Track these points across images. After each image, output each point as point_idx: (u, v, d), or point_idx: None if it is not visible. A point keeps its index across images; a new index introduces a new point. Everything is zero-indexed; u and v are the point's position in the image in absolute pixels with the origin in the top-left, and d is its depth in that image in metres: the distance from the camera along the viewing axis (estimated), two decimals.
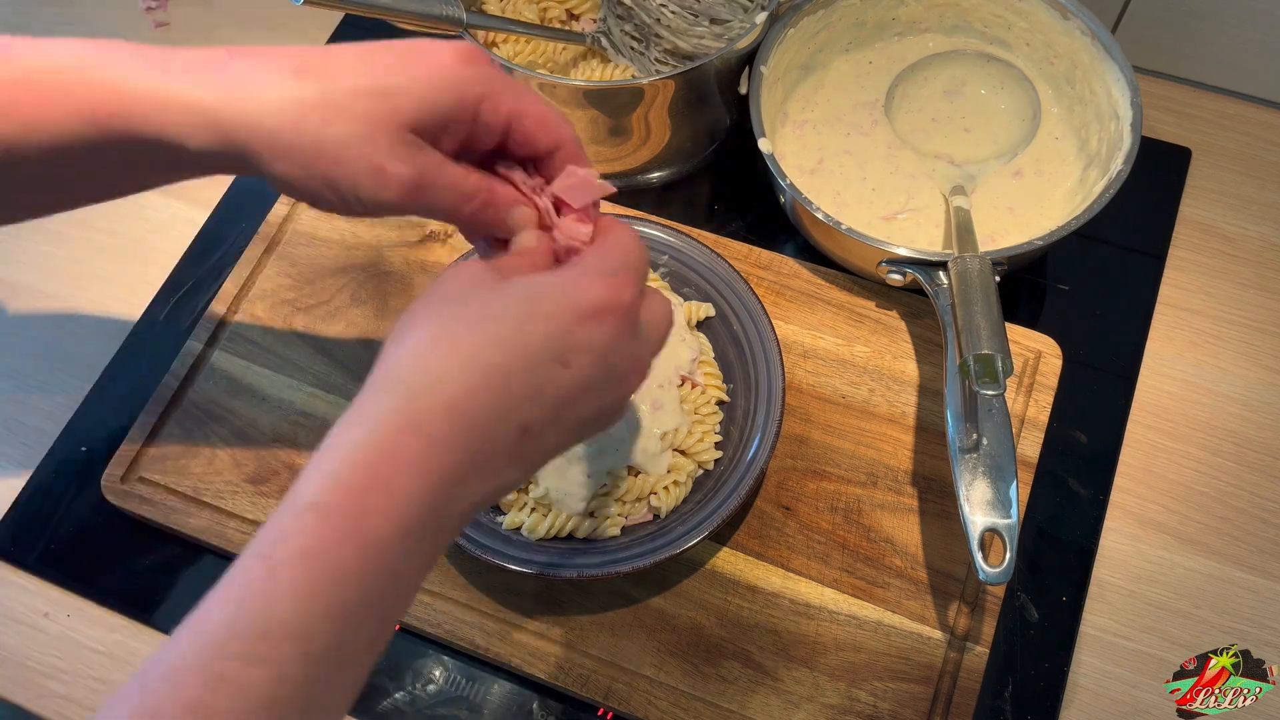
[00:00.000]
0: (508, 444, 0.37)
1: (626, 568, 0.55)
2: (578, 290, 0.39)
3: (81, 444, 0.68)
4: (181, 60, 0.41)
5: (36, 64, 0.41)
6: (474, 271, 0.40)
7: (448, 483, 0.36)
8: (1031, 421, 0.64)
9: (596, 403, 0.40)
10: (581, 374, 0.38)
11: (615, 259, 0.41)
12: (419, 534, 0.36)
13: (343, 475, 0.35)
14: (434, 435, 0.36)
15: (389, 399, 0.36)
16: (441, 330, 0.38)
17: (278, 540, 0.34)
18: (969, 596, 0.59)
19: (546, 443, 0.39)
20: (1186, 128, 0.77)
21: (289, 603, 0.33)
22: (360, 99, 0.40)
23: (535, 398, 0.38)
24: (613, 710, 0.58)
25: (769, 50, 0.68)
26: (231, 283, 0.70)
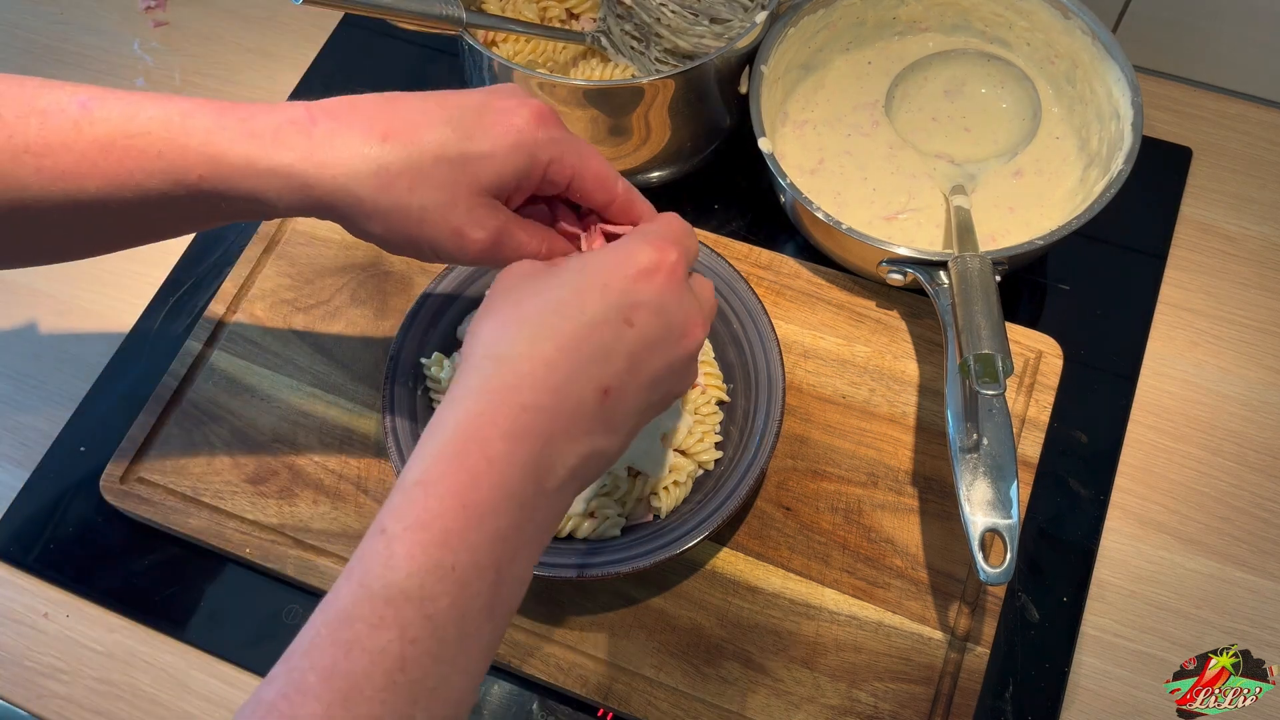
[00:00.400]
0: (590, 403, 0.40)
1: (626, 568, 0.55)
2: (627, 254, 0.42)
3: (81, 444, 0.68)
4: (266, 124, 0.43)
5: (122, 126, 0.43)
6: (527, 265, 0.44)
7: (539, 445, 0.38)
8: (1032, 421, 0.64)
9: (664, 358, 0.42)
10: (645, 329, 0.41)
11: (660, 230, 0.45)
12: (519, 498, 0.38)
13: (443, 450, 0.38)
14: (519, 401, 0.38)
15: (474, 378, 0.39)
16: (509, 311, 0.41)
17: (392, 517, 0.37)
18: (970, 597, 0.59)
19: (627, 403, 0.41)
20: (1187, 127, 0.77)
21: (406, 568, 0.36)
22: (442, 166, 0.43)
23: (607, 357, 0.40)
24: (613, 710, 0.57)
25: (769, 50, 0.68)
26: (231, 282, 0.70)
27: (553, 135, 0.45)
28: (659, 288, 0.42)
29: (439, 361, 0.62)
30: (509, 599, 0.39)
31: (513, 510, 0.38)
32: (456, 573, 0.36)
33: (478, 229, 0.44)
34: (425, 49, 0.83)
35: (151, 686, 0.60)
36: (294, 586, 0.61)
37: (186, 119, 0.43)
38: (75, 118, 0.42)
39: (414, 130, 0.43)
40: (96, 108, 0.43)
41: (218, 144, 0.42)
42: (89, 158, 0.42)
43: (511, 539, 0.38)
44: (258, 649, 0.61)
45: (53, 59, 0.85)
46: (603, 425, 0.41)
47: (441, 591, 0.36)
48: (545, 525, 0.40)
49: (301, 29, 0.85)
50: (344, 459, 0.64)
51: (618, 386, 0.41)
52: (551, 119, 0.45)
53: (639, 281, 0.42)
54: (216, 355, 0.68)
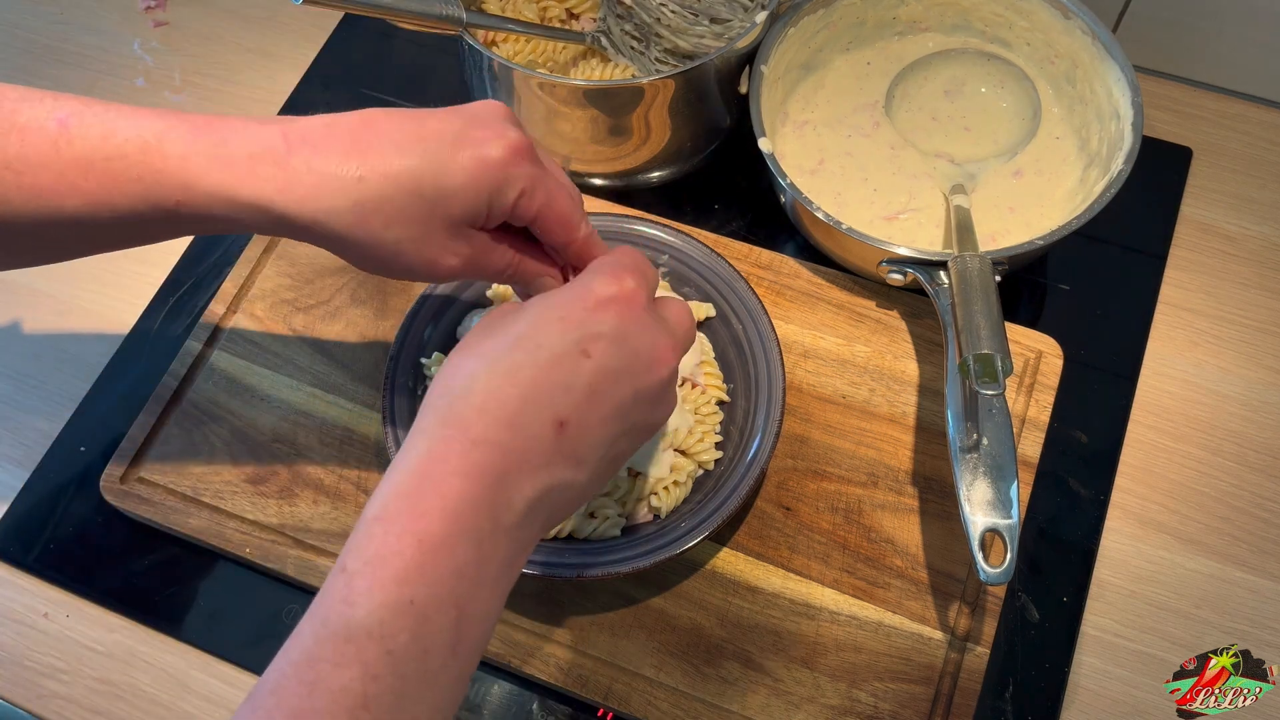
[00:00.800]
0: (545, 437, 0.40)
1: (626, 568, 0.55)
2: (584, 287, 0.43)
3: (81, 444, 0.68)
4: (241, 151, 0.43)
5: (100, 147, 0.43)
6: (502, 307, 0.45)
7: (493, 479, 0.38)
8: (1032, 421, 0.64)
9: (628, 388, 0.42)
10: (604, 360, 0.41)
11: (617, 261, 0.45)
12: (476, 533, 0.38)
13: (399, 487, 0.38)
14: (471, 436, 0.39)
15: (431, 415, 0.40)
16: (470, 347, 0.42)
17: (351, 553, 0.37)
18: (970, 597, 0.59)
19: (591, 435, 0.41)
20: (1187, 127, 0.77)
21: (365, 605, 0.36)
22: (415, 202, 0.44)
23: (564, 388, 0.40)
24: (613, 710, 0.57)
25: (769, 50, 0.68)
26: (231, 282, 0.70)
27: (525, 171, 0.45)
28: (617, 317, 0.42)
29: (439, 361, 0.62)
30: (475, 636, 0.38)
31: (470, 545, 0.38)
32: (415, 608, 0.36)
33: (451, 256, 0.46)
34: (425, 49, 0.83)
35: (151, 686, 0.60)
36: (294, 586, 0.61)
37: (163, 142, 0.43)
38: (54, 136, 0.43)
39: (389, 164, 0.43)
40: (75, 125, 0.43)
41: (192, 171, 0.43)
42: (68, 178, 0.43)
43: (471, 575, 0.38)
44: (258, 649, 0.61)
45: (53, 59, 0.85)
46: (563, 458, 0.40)
47: (401, 628, 0.36)
48: (508, 560, 0.40)
49: (301, 29, 0.85)
50: (344, 459, 0.64)
51: (576, 418, 0.40)
52: (525, 154, 0.45)
53: (596, 312, 0.42)
54: (216, 355, 0.68)
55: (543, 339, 0.41)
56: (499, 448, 0.39)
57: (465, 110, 0.46)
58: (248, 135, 0.44)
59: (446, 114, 0.46)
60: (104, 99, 0.44)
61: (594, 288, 0.43)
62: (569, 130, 0.68)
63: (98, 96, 0.45)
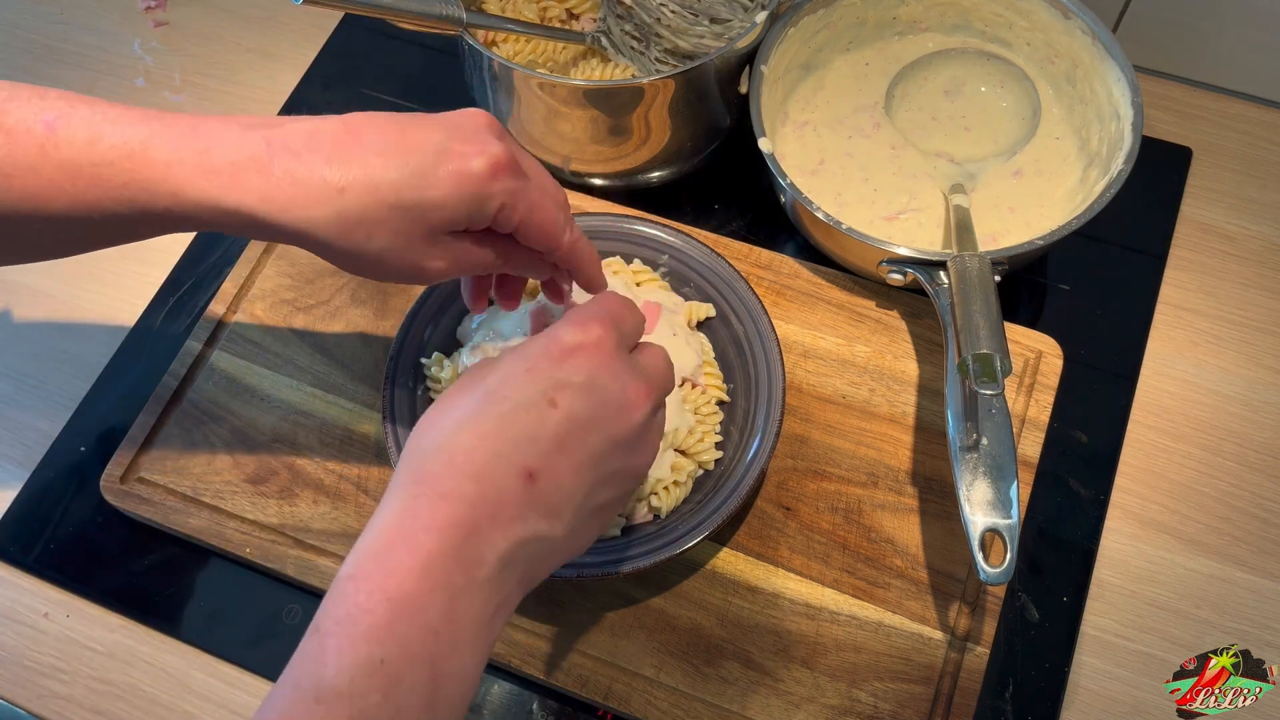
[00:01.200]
0: (514, 488, 0.40)
1: (626, 568, 0.55)
2: (552, 337, 0.43)
3: (81, 444, 0.68)
4: (225, 159, 0.43)
5: (86, 152, 0.43)
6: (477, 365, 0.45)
7: (463, 533, 0.38)
8: (1032, 421, 0.64)
9: (600, 436, 0.42)
10: (572, 409, 0.41)
11: (587, 309, 0.44)
12: (448, 589, 0.37)
13: (371, 546, 0.38)
14: (439, 490, 0.39)
15: (403, 472, 0.40)
16: (444, 403, 0.42)
17: (324, 613, 0.37)
18: (969, 597, 0.59)
19: (563, 485, 0.41)
20: (1187, 127, 0.77)
21: (335, 666, 0.36)
22: (397, 214, 0.44)
23: (531, 439, 0.40)
24: (612, 710, 0.57)
25: (769, 50, 0.68)
26: (231, 282, 0.70)
27: (507, 186, 0.45)
28: (584, 366, 0.42)
29: (439, 361, 0.62)
30: (453, 695, 0.38)
31: (442, 602, 0.37)
32: (386, 667, 0.36)
33: (434, 261, 0.46)
34: (425, 49, 0.83)
35: (151, 686, 0.60)
36: (294, 586, 0.61)
37: (148, 148, 0.43)
38: (41, 140, 0.43)
39: (370, 176, 0.44)
40: (61, 128, 0.43)
41: (177, 179, 0.43)
42: (56, 182, 0.43)
43: (445, 633, 0.37)
44: (258, 649, 0.61)
45: (53, 59, 0.85)
46: (536, 509, 0.40)
47: (371, 687, 0.35)
48: (485, 618, 0.39)
49: (301, 29, 0.85)
50: (344, 459, 0.64)
51: (545, 468, 0.40)
52: (507, 169, 0.46)
53: (562, 362, 0.42)
54: (217, 355, 0.68)
55: (510, 391, 0.41)
56: (467, 501, 0.39)
57: (449, 120, 0.46)
58: (231, 142, 0.44)
59: (430, 123, 0.46)
60: (104, 99, 0.44)
61: (561, 337, 0.43)
62: (569, 130, 0.68)
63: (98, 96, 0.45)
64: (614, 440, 0.42)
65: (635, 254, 0.66)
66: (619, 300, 0.46)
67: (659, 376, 0.46)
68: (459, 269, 0.48)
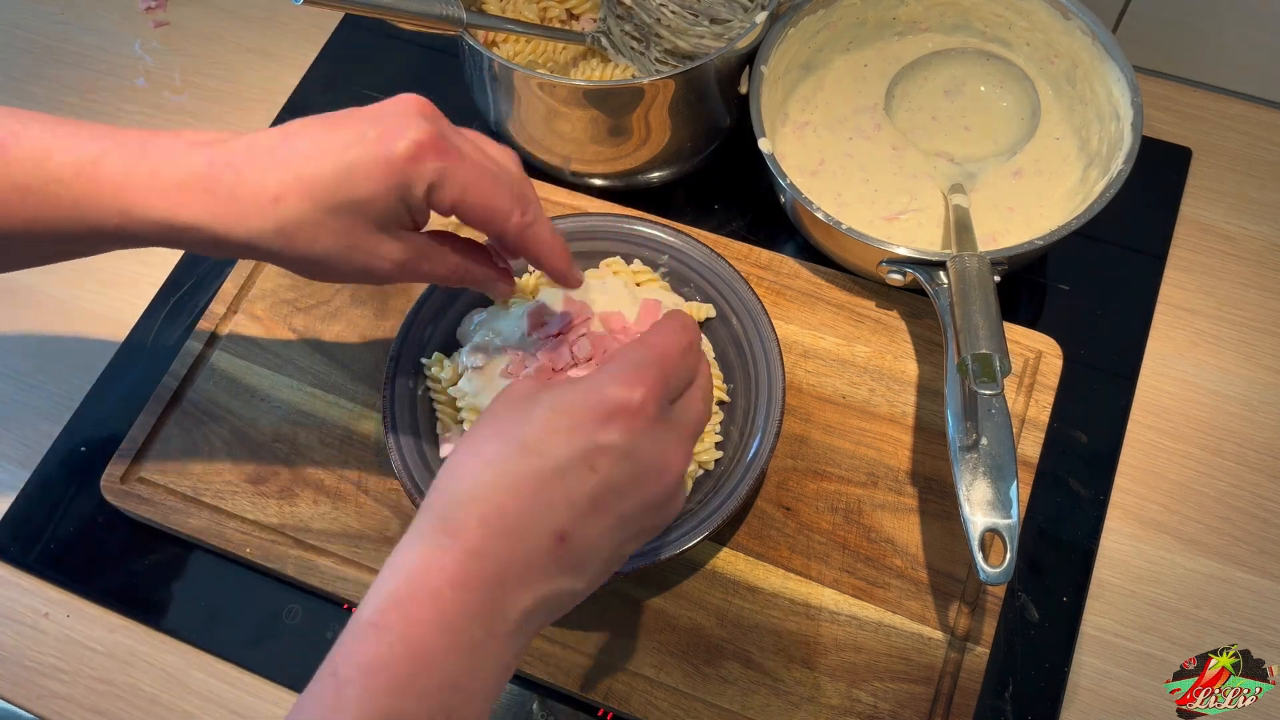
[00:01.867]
0: (544, 549, 0.39)
1: (627, 568, 0.55)
2: (597, 393, 0.41)
3: (81, 444, 0.68)
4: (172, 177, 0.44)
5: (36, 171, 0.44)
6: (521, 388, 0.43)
7: (489, 591, 0.38)
8: (1032, 421, 0.64)
9: (634, 500, 0.41)
10: (610, 475, 0.40)
11: (637, 357, 0.43)
12: (469, 644, 0.37)
13: (395, 593, 0.38)
14: (469, 546, 0.38)
15: (431, 517, 0.39)
16: (478, 446, 0.41)
17: (343, 659, 0.37)
18: (969, 597, 0.59)
19: (592, 546, 0.40)
20: (1187, 127, 0.77)
21: (354, 714, 0.35)
22: (335, 216, 0.45)
23: (567, 503, 0.39)
24: (613, 710, 0.57)
25: (769, 50, 0.68)
26: (231, 283, 0.70)
27: (432, 165, 0.45)
28: (626, 431, 0.40)
29: (439, 361, 0.62)
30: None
31: (463, 657, 0.37)
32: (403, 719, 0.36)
33: (383, 261, 0.47)
34: (425, 49, 0.83)
35: (151, 686, 0.60)
36: (294, 586, 0.61)
37: (98, 167, 0.44)
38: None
39: (301, 181, 0.44)
40: (12, 147, 0.44)
41: (127, 198, 0.44)
42: (10, 202, 0.44)
43: (463, 685, 0.37)
44: (258, 649, 0.61)
45: (53, 59, 0.85)
46: (562, 569, 0.40)
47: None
48: (500, 669, 0.39)
49: (301, 29, 0.85)
50: (344, 459, 0.64)
51: (578, 532, 0.40)
52: (431, 147, 0.45)
53: (605, 424, 0.40)
54: (217, 355, 0.68)
55: (548, 449, 0.40)
56: (497, 559, 0.38)
57: (376, 109, 0.47)
58: (178, 162, 0.44)
59: (357, 116, 0.46)
60: (104, 99, 0.45)
61: (607, 394, 0.41)
62: (569, 130, 0.68)
63: (98, 96, 0.45)
64: (646, 503, 0.42)
65: (635, 254, 0.66)
66: (674, 338, 0.44)
67: (697, 424, 0.44)
68: (414, 270, 0.48)
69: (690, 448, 0.43)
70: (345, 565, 0.61)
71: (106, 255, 0.49)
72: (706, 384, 0.46)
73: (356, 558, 0.61)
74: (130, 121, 0.80)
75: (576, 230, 0.66)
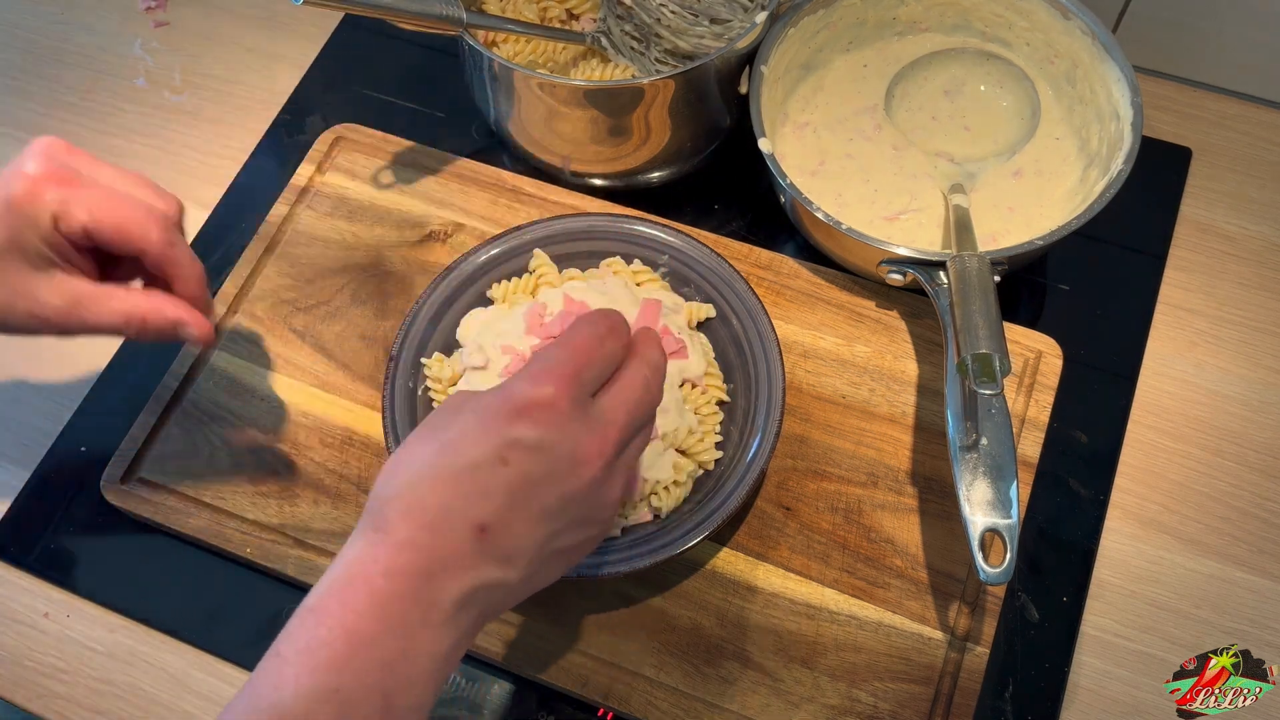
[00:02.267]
0: (467, 541, 0.41)
1: (626, 568, 0.55)
2: (506, 393, 0.43)
3: (81, 444, 0.68)
4: None
5: None
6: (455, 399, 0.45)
7: (418, 579, 0.40)
8: (1032, 421, 0.64)
9: (555, 490, 0.43)
10: (521, 469, 0.42)
11: (547, 358, 0.44)
12: (403, 629, 0.40)
13: (334, 583, 0.41)
14: (397, 539, 0.41)
15: (368, 515, 0.42)
16: (409, 449, 0.43)
17: (285, 641, 0.40)
18: (969, 597, 0.59)
19: (517, 538, 0.42)
20: (1187, 127, 0.77)
21: (292, 691, 0.38)
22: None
23: (482, 495, 0.41)
24: (613, 710, 0.58)
25: (769, 50, 0.68)
26: (231, 283, 0.70)
27: (52, 196, 0.48)
28: (536, 425, 0.42)
29: (439, 361, 0.62)
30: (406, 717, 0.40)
31: (397, 640, 0.40)
32: (340, 695, 0.38)
33: (45, 307, 0.50)
34: (425, 49, 0.83)
35: (151, 686, 0.60)
36: (294, 586, 0.61)
37: None
38: None
39: None
40: None
41: None
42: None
43: (400, 668, 0.39)
44: (258, 649, 0.60)
45: (53, 59, 0.84)
46: (489, 559, 0.42)
47: (324, 714, 0.38)
48: (442, 654, 0.41)
49: (301, 29, 0.85)
50: (344, 459, 0.64)
51: (497, 523, 0.41)
52: (49, 180, 0.49)
53: (516, 421, 0.42)
54: (217, 355, 0.68)
55: (464, 446, 0.42)
56: (422, 550, 0.41)
57: (15, 160, 0.50)
58: None
59: None
60: (104, 99, 0.45)
61: (514, 393, 0.43)
62: (569, 130, 0.68)
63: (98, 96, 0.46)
64: (567, 495, 0.43)
65: (635, 254, 0.66)
66: (586, 337, 0.45)
67: (624, 418, 0.45)
68: (80, 316, 0.50)
69: (618, 437, 0.44)
70: None
71: None
72: (648, 372, 0.47)
73: None
74: (130, 121, 0.80)
75: (576, 230, 0.66)
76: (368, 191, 0.73)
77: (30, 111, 0.81)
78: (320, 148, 0.75)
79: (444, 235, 0.71)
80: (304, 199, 0.73)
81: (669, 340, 0.61)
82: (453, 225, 0.71)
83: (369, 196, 0.73)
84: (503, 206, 0.72)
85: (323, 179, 0.74)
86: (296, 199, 0.73)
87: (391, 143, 0.75)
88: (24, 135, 0.80)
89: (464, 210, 0.72)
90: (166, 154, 0.79)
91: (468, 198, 0.72)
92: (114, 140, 0.79)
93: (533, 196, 0.72)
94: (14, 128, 0.80)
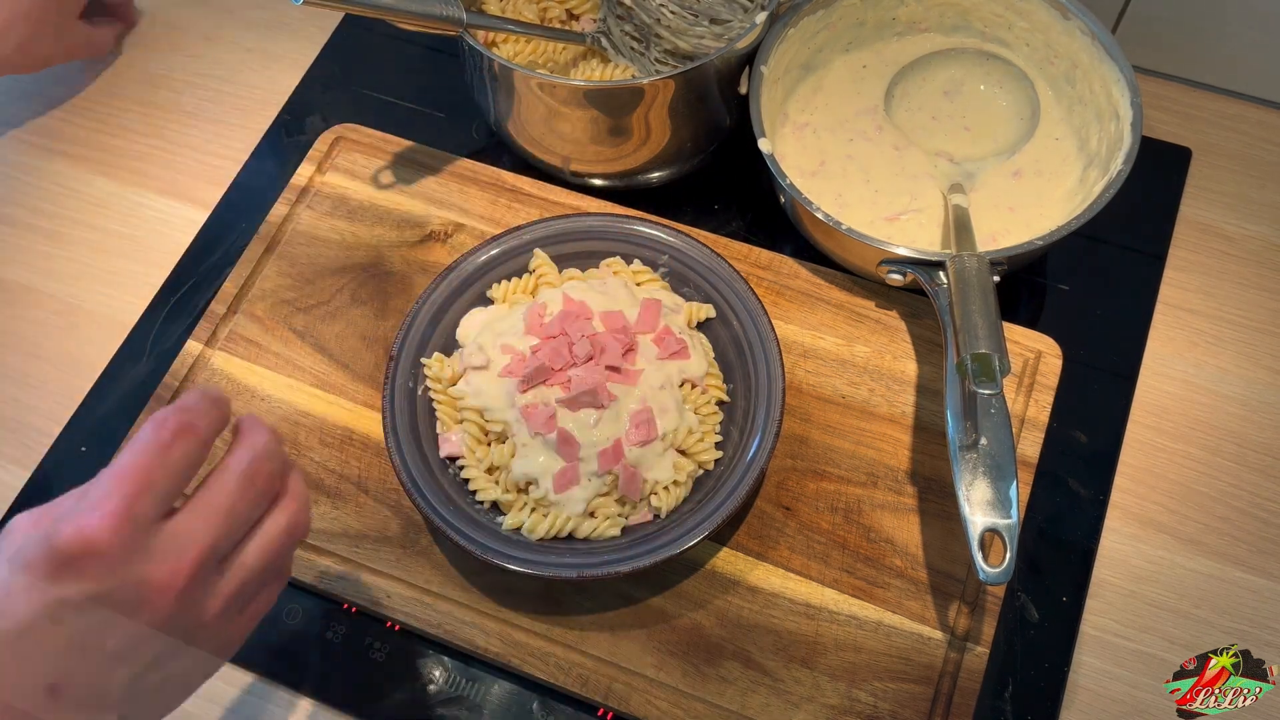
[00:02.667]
0: (40, 704, 0.38)
1: (626, 568, 0.55)
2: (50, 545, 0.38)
3: (81, 444, 0.68)
4: None
5: None
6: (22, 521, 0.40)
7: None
8: (1032, 421, 0.64)
9: (124, 632, 0.39)
10: (76, 625, 0.38)
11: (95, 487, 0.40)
12: None
13: None
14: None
15: None
16: None
17: None
18: (969, 597, 0.59)
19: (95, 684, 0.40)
20: (1186, 128, 0.77)
21: None
22: None
23: (44, 656, 0.38)
24: (613, 710, 0.58)
25: (769, 50, 0.68)
26: (231, 283, 0.70)
27: None
28: (81, 579, 0.38)
29: (439, 361, 0.62)
30: None
31: None
32: None
33: None
34: (425, 49, 0.83)
35: None
36: (294, 586, 0.61)
37: None
38: None
39: None
40: None
41: None
42: None
43: None
44: (258, 649, 0.61)
45: None
46: (72, 714, 0.39)
47: None
48: None
49: (301, 29, 0.85)
50: (344, 459, 0.64)
51: (67, 681, 0.39)
52: None
53: (59, 577, 0.38)
54: (217, 355, 0.68)
55: (13, 608, 0.38)
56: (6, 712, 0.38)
57: None
58: None
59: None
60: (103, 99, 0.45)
61: (59, 540, 0.38)
62: (569, 130, 0.68)
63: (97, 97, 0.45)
64: (141, 635, 0.40)
65: (635, 254, 0.66)
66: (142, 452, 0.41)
67: (206, 534, 0.41)
68: None
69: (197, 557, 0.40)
70: (345, 565, 0.61)
71: (107, 255, 0.49)
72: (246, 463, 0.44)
73: (356, 558, 0.61)
74: (130, 121, 0.80)
75: (576, 230, 0.66)
76: (368, 191, 0.73)
77: (31, 112, 0.81)
78: (320, 148, 0.75)
79: (444, 235, 0.71)
80: (304, 199, 0.73)
81: (670, 340, 0.61)
82: (453, 225, 0.72)
83: (369, 196, 0.73)
84: (503, 206, 0.72)
85: (323, 179, 0.74)
86: (296, 199, 0.73)
87: (391, 143, 0.75)
88: (24, 136, 0.80)
89: (464, 210, 0.72)
90: (166, 154, 0.79)
91: (467, 198, 0.72)
92: (114, 140, 0.79)
93: (533, 196, 0.72)
94: (14, 128, 0.80)
